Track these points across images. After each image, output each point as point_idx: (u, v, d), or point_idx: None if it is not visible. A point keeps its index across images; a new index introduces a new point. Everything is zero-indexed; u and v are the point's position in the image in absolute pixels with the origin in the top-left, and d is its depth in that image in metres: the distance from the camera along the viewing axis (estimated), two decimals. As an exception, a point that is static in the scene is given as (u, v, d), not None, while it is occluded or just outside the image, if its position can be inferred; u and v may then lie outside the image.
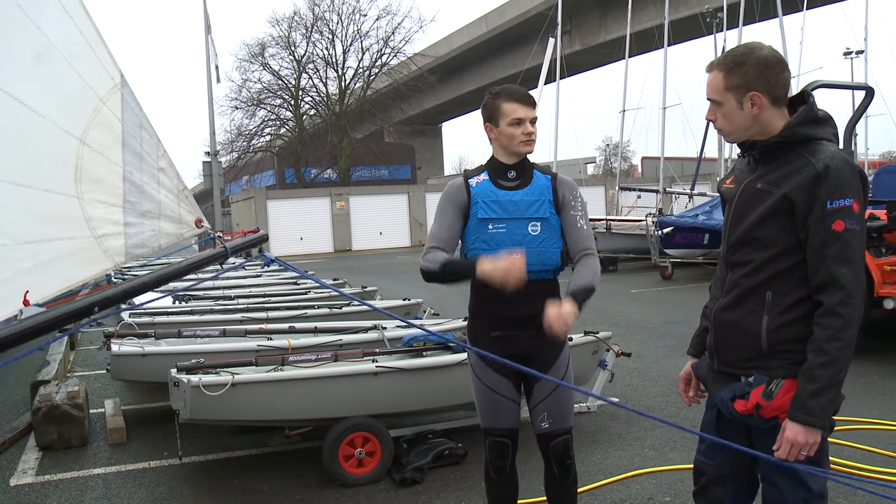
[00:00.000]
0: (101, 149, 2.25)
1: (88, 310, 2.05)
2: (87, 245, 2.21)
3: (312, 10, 44.30)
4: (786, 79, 2.42)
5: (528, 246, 3.18)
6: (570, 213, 3.26)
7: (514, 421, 3.39)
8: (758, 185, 2.44)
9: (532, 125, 3.23)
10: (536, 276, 3.17)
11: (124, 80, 2.32)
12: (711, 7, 29.85)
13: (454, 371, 5.29)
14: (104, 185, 2.26)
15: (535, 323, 3.08)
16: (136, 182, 2.32)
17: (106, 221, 2.25)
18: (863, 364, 7.62)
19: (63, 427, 5.97)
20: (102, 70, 2.27)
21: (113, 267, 2.28)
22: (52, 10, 2.17)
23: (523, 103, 3.20)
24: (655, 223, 17.78)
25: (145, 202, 2.34)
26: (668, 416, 6.27)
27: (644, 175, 50.20)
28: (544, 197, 3.24)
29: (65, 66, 2.19)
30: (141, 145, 2.33)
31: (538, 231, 3.21)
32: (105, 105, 2.26)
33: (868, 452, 5.19)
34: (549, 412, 3.31)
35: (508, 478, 3.48)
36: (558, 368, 3.30)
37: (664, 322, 11.18)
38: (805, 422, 2.27)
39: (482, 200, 3.24)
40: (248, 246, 2.63)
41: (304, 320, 7.72)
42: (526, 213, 3.22)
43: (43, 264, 2.13)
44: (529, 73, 34.01)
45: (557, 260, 3.25)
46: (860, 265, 2.31)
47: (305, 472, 5.22)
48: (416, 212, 40.00)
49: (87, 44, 2.23)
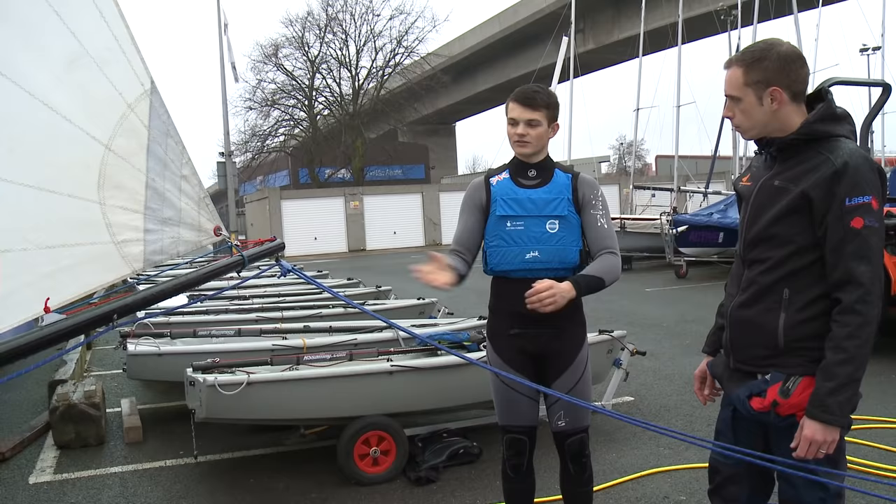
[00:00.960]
0: (125, 155, 2.25)
1: (108, 317, 2.07)
2: (106, 251, 2.22)
3: (326, 11, 44.41)
4: (805, 75, 2.41)
5: (545, 244, 3.19)
6: (590, 212, 3.26)
7: (532, 419, 3.39)
8: (775, 182, 2.42)
9: (529, 127, 3.20)
10: (554, 274, 3.18)
11: (154, 87, 2.32)
12: (726, 4, 29.70)
13: (469, 370, 5.29)
14: (127, 191, 2.26)
15: (552, 321, 3.08)
16: (158, 189, 2.32)
17: (126, 227, 2.26)
18: (880, 363, 7.55)
19: (80, 426, 6.01)
20: (133, 76, 2.27)
21: (131, 273, 2.29)
22: (88, 16, 2.17)
23: (521, 103, 3.21)
24: (670, 222, 17.74)
25: (166, 209, 2.35)
26: (684, 414, 6.25)
27: (658, 173, 50.06)
28: (563, 195, 3.24)
29: (96, 72, 2.19)
30: (165, 152, 2.34)
31: (556, 229, 3.21)
32: (133, 111, 2.26)
33: (886, 452, 5.15)
34: (565, 410, 3.30)
35: (525, 476, 3.48)
36: (577, 367, 3.29)
37: (679, 321, 11.14)
38: (823, 419, 2.25)
39: (501, 198, 3.26)
40: (265, 255, 2.63)
41: (319, 320, 7.74)
42: (544, 210, 3.22)
43: (63, 269, 2.14)
44: (543, 72, 33.95)
45: (576, 258, 3.23)
46: (879, 263, 2.30)
47: (321, 471, 5.24)
48: (430, 211, 40.01)
49: (120, 49, 2.23)
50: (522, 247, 3.20)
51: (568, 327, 3.26)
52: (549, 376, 3.29)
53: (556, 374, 3.28)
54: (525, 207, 3.23)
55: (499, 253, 3.25)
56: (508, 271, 3.25)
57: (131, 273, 2.28)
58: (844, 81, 8.50)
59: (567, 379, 3.28)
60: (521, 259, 3.21)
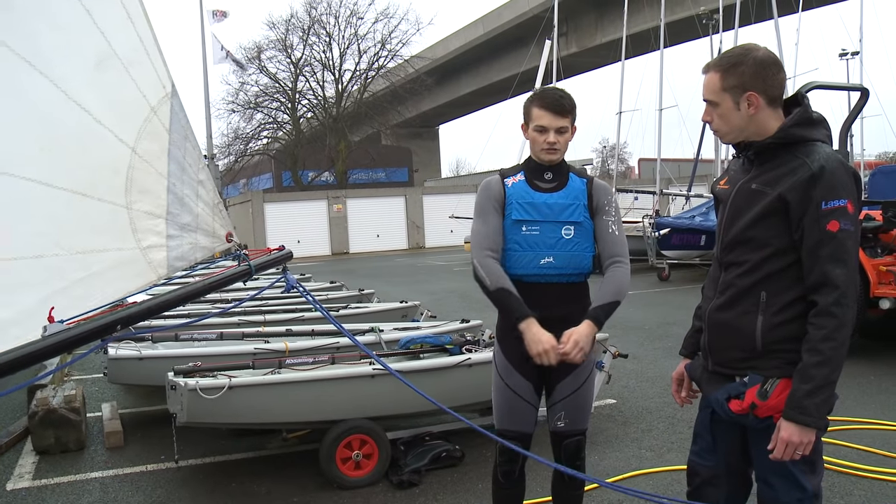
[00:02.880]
0: (150, 159, 2.20)
1: (111, 327, 2.01)
2: (133, 256, 2.17)
3: (309, 13, 44.36)
4: (782, 79, 2.43)
5: (561, 249, 3.19)
6: (603, 217, 3.25)
7: (530, 425, 3.36)
8: (752, 185, 2.45)
9: (559, 134, 3.18)
10: (567, 280, 3.20)
11: (174, 90, 2.27)
12: (707, 9, 29.88)
13: (451, 373, 5.30)
14: (151, 195, 2.21)
15: (562, 325, 3.08)
16: (177, 194, 2.28)
17: (151, 233, 2.22)
18: (859, 364, 7.62)
19: (60, 431, 5.96)
20: (156, 78, 2.22)
21: (156, 279, 2.23)
22: (116, 15, 2.13)
23: (551, 111, 3.16)
24: (652, 224, 17.81)
25: (184, 214, 2.30)
26: (666, 417, 6.28)
27: (641, 176, 50.30)
28: (579, 201, 3.23)
29: (123, 73, 2.14)
30: (184, 156, 2.29)
31: (571, 235, 3.20)
32: (156, 115, 2.21)
33: (864, 452, 5.20)
34: (566, 411, 3.30)
35: (516, 483, 3.46)
36: (582, 370, 3.28)
37: (661, 323, 11.19)
38: (800, 421, 2.27)
39: (517, 202, 3.22)
40: (273, 264, 2.53)
41: (301, 323, 7.72)
42: (560, 216, 3.20)
43: (94, 275, 2.10)
44: (526, 76, 34.00)
45: (589, 264, 3.24)
46: (854, 266, 2.33)
47: (303, 475, 5.22)
48: (414, 214, 40.01)
49: (144, 51, 2.19)
50: (537, 252, 3.18)
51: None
52: (553, 377, 3.28)
53: (562, 376, 3.26)
54: (541, 212, 3.20)
55: (513, 257, 3.21)
56: (522, 276, 3.20)
57: (157, 279, 2.22)
58: (824, 86, 8.59)
59: (572, 381, 3.27)
60: (536, 264, 3.18)
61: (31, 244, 2.01)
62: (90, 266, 2.10)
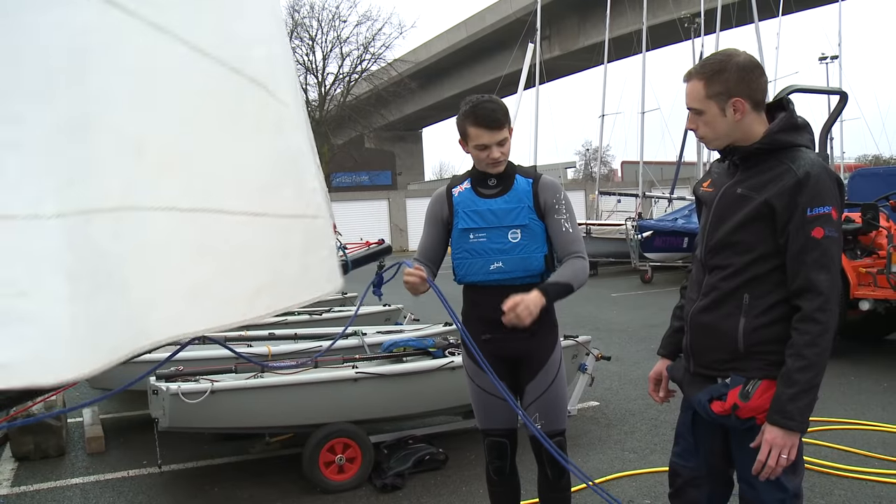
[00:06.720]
0: (312, 151, 1.91)
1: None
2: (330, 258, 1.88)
3: (292, 16, 44.16)
4: (764, 83, 2.45)
5: (508, 254, 3.20)
6: (554, 217, 3.23)
7: (511, 421, 3.40)
8: (738, 189, 2.46)
9: (501, 146, 3.16)
10: (521, 283, 3.19)
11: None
12: (689, 13, 30.10)
13: (434, 376, 5.30)
14: (321, 193, 1.94)
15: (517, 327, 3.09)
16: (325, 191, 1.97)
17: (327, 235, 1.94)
18: (840, 365, 7.69)
19: (40, 437, 5.88)
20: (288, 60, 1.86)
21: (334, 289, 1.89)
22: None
23: (488, 128, 3.12)
24: (635, 227, 17.89)
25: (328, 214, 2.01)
26: (649, 418, 6.30)
27: (624, 179, 50.44)
28: (523, 203, 3.23)
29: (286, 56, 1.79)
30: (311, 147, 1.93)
31: (518, 238, 3.21)
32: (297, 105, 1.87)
33: (845, 452, 5.24)
34: (541, 413, 3.31)
35: (509, 478, 3.51)
36: (549, 369, 3.29)
37: (644, 325, 11.23)
38: (784, 425, 2.29)
39: (463, 211, 3.26)
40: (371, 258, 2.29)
41: (284, 327, 7.68)
42: (504, 221, 3.21)
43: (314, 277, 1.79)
44: (509, 79, 34.09)
45: (541, 265, 3.23)
46: (837, 272, 2.35)
47: (286, 479, 5.20)
48: (397, 217, 39.97)
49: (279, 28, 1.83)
50: (486, 258, 3.21)
51: (539, 330, 3.24)
52: (523, 379, 3.31)
53: (530, 377, 3.29)
54: (486, 219, 3.23)
55: (465, 265, 3.26)
56: (475, 282, 3.27)
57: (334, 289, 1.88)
58: (804, 89, 8.67)
59: (541, 380, 3.29)
60: (486, 270, 3.22)
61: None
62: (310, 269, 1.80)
